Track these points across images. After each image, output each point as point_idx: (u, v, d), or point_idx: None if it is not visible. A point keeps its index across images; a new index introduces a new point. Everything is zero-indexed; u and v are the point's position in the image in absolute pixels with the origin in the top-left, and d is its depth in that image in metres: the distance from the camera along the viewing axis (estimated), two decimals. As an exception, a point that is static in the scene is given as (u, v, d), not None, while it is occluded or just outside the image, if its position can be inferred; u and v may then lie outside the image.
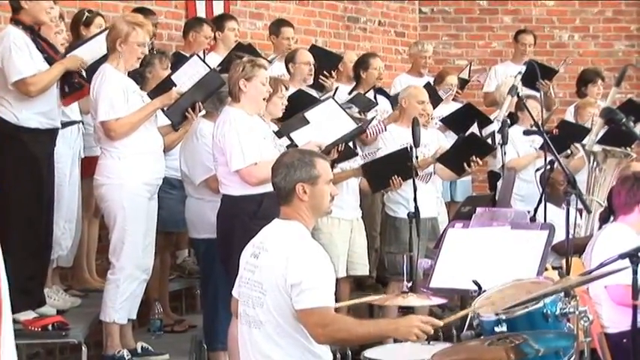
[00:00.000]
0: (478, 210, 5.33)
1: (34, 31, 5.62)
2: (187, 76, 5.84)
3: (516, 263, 4.61)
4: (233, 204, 5.50)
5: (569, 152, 7.80)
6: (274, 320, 3.93)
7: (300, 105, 6.27)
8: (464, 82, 9.33)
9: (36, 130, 5.62)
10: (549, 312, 3.94)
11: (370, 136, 7.36)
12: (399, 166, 6.54)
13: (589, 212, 6.26)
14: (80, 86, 5.78)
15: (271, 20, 8.71)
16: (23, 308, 5.54)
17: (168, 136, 6.05)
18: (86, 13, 6.66)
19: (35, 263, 5.69)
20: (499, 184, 7.05)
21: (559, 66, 9.39)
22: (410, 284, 4.98)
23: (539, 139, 7.31)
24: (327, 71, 7.77)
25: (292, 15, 9.39)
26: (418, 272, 6.18)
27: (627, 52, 11.10)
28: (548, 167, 6.26)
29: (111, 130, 5.55)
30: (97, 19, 6.64)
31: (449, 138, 7.66)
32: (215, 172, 5.69)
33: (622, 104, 7.92)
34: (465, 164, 6.87)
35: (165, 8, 8.31)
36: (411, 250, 6.05)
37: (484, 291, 4.29)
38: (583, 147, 7.36)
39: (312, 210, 4.05)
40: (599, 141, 7.07)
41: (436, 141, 7.27)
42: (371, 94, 7.81)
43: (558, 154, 6.19)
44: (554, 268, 5.21)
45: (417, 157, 6.70)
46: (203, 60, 6.18)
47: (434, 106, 7.45)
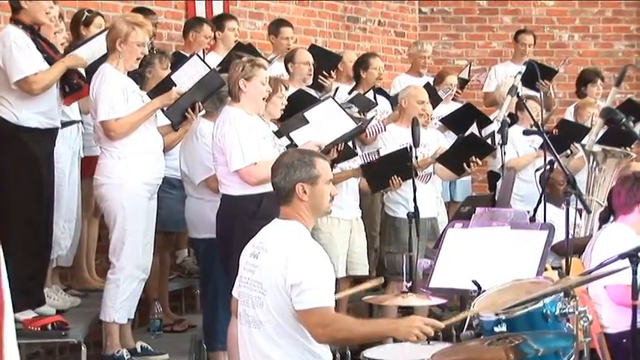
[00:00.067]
0: (478, 210, 5.32)
1: (34, 31, 5.62)
2: (187, 76, 5.84)
3: (516, 263, 4.60)
4: (233, 204, 5.49)
5: (568, 152, 7.79)
6: (274, 320, 3.93)
7: (300, 105, 6.27)
8: (464, 82, 9.32)
9: (36, 130, 5.62)
10: (549, 312, 3.94)
11: (370, 136, 7.36)
12: (399, 166, 6.54)
13: (589, 212, 6.25)
14: (79, 87, 5.78)
15: (271, 20, 8.70)
16: (23, 308, 5.54)
17: (167, 136, 6.05)
18: (86, 13, 6.67)
19: (35, 263, 5.69)
20: (499, 184, 7.05)
21: (559, 66, 9.39)
22: (409, 284, 4.98)
23: (538, 139, 7.31)
24: (327, 71, 7.76)
25: (292, 15, 9.39)
26: (418, 272, 6.18)
27: (627, 52, 11.10)
28: (547, 167, 6.26)
29: (111, 130, 5.55)
30: (97, 19, 6.65)
31: (448, 138, 7.65)
32: (215, 172, 5.69)
33: (621, 104, 7.91)
34: (465, 164, 6.87)
35: (165, 8, 8.31)
36: (411, 250, 6.06)
37: (484, 291, 4.29)
38: (583, 147, 7.35)
39: (311, 210, 4.05)
40: (598, 141, 7.06)
41: (436, 141, 7.27)
42: (371, 95, 7.80)
43: (558, 154, 6.19)
44: (553, 268, 5.22)
45: (417, 157, 6.70)
46: (203, 60, 6.18)
47: (433, 107, 7.45)
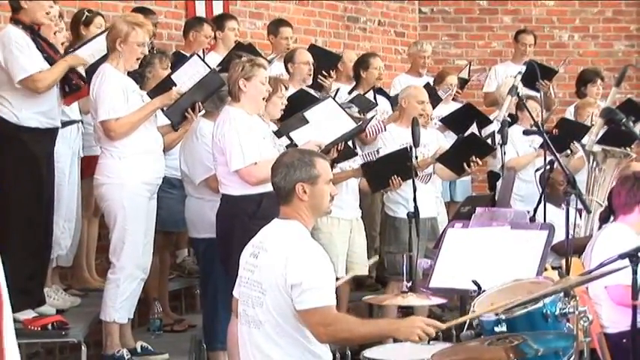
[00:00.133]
0: (478, 210, 5.32)
1: (34, 31, 5.62)
2: (187, 76, 5.83)
3: (516, 263, 4.60)
4: (232, 204, 5.49)
5: (568, 152, 7.79)
6: (274, 320, 3.93)
7: (301, 105, 6.26)
8: (463, 82, 9.32)
9: (36, 130, 5.62)
10: (549, 312, 3.93)
11: (370, 136, 7.35)
12: (399, 166, 6.54)
13: (589, 212, 6.25)
14: (78, 87, 5.78)
15: (271, 20, 8.70)
16: (23, 308, 5.54)
17: (167, 136, 6.05)
18: (86, 13, 6.67)
19: (35, 263, 5.69)
20: (499, 184, 7.04)
21: (559, 66, 9.39)
22: (409, 284, 4.97)
23: (538, 139, 7.31)
24: (326, 71, 7.75)
25: (292, 15, 9.39)
26: (418, 272, 6.18)
27: (627, 52, 11.09)
28: (547, 167, 6.25)
29: (111, 130, 5.55)
30: (97, 19, 6.65)
31: (448, 138, 7.65)
32: (215, 172, 5.68)
33: (621, 104, 7.91)
34: (465, 164, 6.86)
35: (165, 8, 8.31)
36: (411, 250, 6.05)
37: (484, 291, 4.29)
38: (583, 147, 7.35)
39: (311, 210, 4.05)
40: (598, 141, 7.06)
41: (436, 141, 7.27)
42: (371, 95, 7.80)
43: (558, 154, 6.19)
44: (553, 268, 5.22)
45: (417, 157, 6.70)
46: (203, 60, 6.18)
47: (433, 107, 7.45)
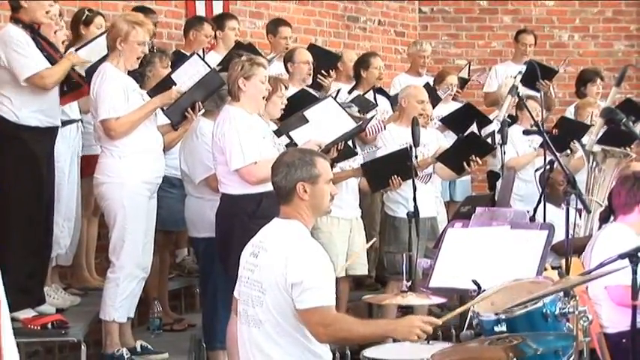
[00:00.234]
0: (478, 210, 5.32)
1: (34, 30, 5.62)
2: (187, 76, 5.83)
3: (516, 263, 4.60)
4: (232, 203, 5.49)
5: (568, 152, 7.78)
6: (274, 319, 3.93)
7: (302, 105, 6.25)
8: (463, 82, 9.32)
9: (36, 129, 5.62)
10: (549, 312, 3.94)
11: (370, 135, 7.35)
12: (399, 166, 6.53)
13: (589, 212, 6.25)
14: (79, 85, 5.78)
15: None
16: (23, 307, 5.54)
17: (167, 135, 6.04)
18: (86, 12, 6.66)
19: (35, 262, 5.69)
20: (498, 184, 7.04)
21: (559, 66, 9.38)
22: (409, 283, 4.97)
23: (538, 139, 7.31)
24: (326, 70, 7.75)
25: (292, 14, 9.39)
26: (417, 272, 6.18)
27: (627, 52, 11.09)
28: (547, 167, 6.25)
29: (111, 129, 5.55)
30: (97, 19, 6.64)
31: (448, 138, 7.64)
32: (215, 171, 5.68)
33: (620, 104, 7.90)
34: (465, 163, 6.86)
35: (165, 7, 8.31)
36: (411, 250, 6.05)
37: (484, 290, 4.29)
38: (582, 147, 7.35)
39: (312, 209, 4.05)
40: (598, 141, 7.06)
41: (435, 141, 7.26)
42: (370, 94, 7.79)
43: (558, 154, 6.19)
44: (553, 268, 5.22)
45: (417, 157, 6.70)
46: (203, 59, 6.17)
47: (432, 106, 7.44)
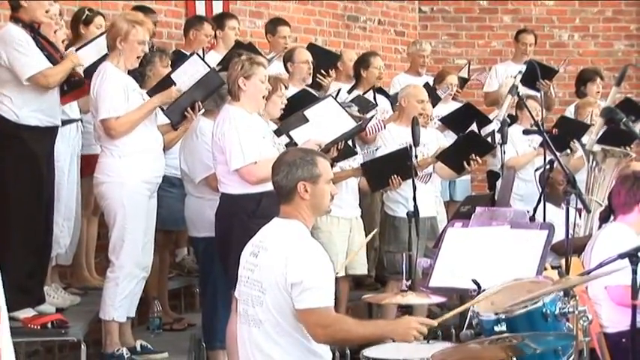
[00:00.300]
0: (477, 209, 5.32)
1: (34, 29, 5.61)
2: (187, 75, 5.82)
3: (516, 262, 4.60)
4: (232, 203, 5.49)
5: (568, 151, 7.78)
6: (274, 319, 3.93)
7: (303, 105, 6.23)
8: (463, 81, 9.32)
9: (36, 128, 5.61)
10: (549, 311, 3.93)
11: (369, 134, 7.35)
12: (399, 166, 6.53)
13: (588, 212, 6.24)
14: (80, 84, 5.78)
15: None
16: (23, 306, 5.54)
17: (167, 135, 6.04)
18: (86, 12, 6.65)
19: (35, 261, 5.69)
20: (498, 184, 7.04)
21: (559, 66, 9.38)
22: (409, 283, 4.97)
23: (538, 139, 7.31)
24: (325, 70, 7.74)
25: (292, 14, 9.39)
26: (417, 271, 6.18)
27: (627, 52, 11.09)
28: (547, 167, 6.25)
29: (111, 129, 5.54)
30: (97, 19, 6.64)
31: (448, 137, 7.64)
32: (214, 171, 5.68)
33: (619, 103, 7.89)
34: (465, 162, 6.86)
35: (165, 7, 8.31)
36: (410, 249, 6.05)
37: (483, 290, 4.29)
38: (582, 146, 7.34)
39: (312, 209, 4.04)
40: (598, 140, 7.06)
41: (435, 140, 7.26)
42: (370, 94, 7.79)
43: (558, 154, 6.18)
44: (553, 268, 5.22)
45: (417, 157, 6.70)
46: (202, 59, 6.17)
47: (432, 106, 7.44)
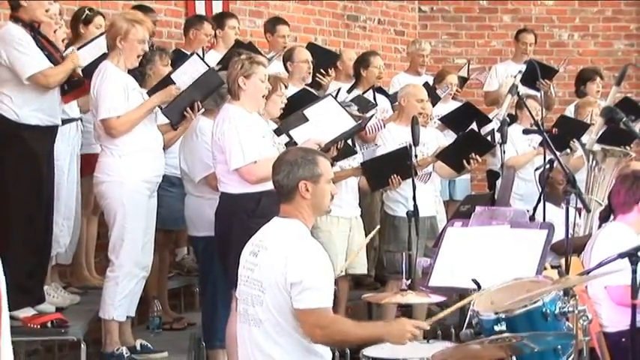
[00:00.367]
0: (477, 209, 5.31)
1: (34, 29, 5.61)
2: (187, 75, 5.81)
3: (515, 262, 4.60)
4: (231, 202, 5.49)
5: (568, 151, 7.78)
6: (274, 319, 3.92)
7: (303, 105, 6.23)
8: (463, 81, 9.32)
9: (36, 128, 5.61)
10: (548, 311, 3.93)
11: (369, 134, 7.35)
12: (398, 165, 6.53)
13: (588, 211, 6.24)
14: (80, 84, 5.78)
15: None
16: (23, 305, 5.54)
17: (166, 134, 6.02)
18: (86, 12, 6.65)
19: (35, 260, 5.69)
20: (498, 183, 7.04)
21: (559, 66, 9.38)
22: (409, 282, 4.97)
23: (537, 138, 7.31)
24: (324, 69, 7.74)
25: (291, 13, 9.39)
26: (417, 271, 6.18)
27: (627, 52, 11.09)
28: (547, 166, 6.25)
29: (112, 128, 5.54)
30: (97, 19, 6.63)
31: (447, 137, 7.64)
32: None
33: (618, 102, 7.89)
34: (465, 161, 6.86)
35: (164, 6, 8.31)
36: (410, 249, 6.05)
37: (483, 290, 4.29)
38: (582, 146, 7.34)
39: (312, 208, 4.04)
40: (598, 140, 7.06)
41: (435, 140, 7.26)
42: (370, 93, 7.79)
43: (558, 153, 6.18)
44: (552, 267, 5.22)
45: (416, 156, 6.69)
46: (202, 59, 6.17)
47: (432, 105, 7.44)
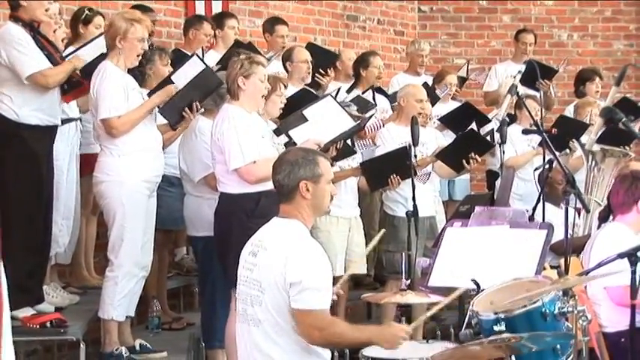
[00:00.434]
0: (477, 209, 5.32)
1: (34, 28, 5.61)
2: (187, 77, 5.82)
3: (515, 262, 4.61)
4: (231, 202, 5.49)
5: (567, 151, 7.78)
6: (273, 319, 3.92)
7: (303, 105, 6.23)
8: (462, 81, 9.32)
9: (36, 127, 5.61)
10: (548, 311, 3.94)
11: (368, 134, 7.35)
12: (398, 165, 6.53)
13: (587, 212, 6.25)
14: (79, 84, 5.78)
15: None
16: (22, 305, 5.53)
17: (164, 134, 6.03)
18: (86, 12, 6.64)
19: (34, 260, 5.69)
20: (497, 183, 7.04)
21: (559, 66, 9.38)
22: (408, 282, 4.98)
23: (537, 138, 7.31)
24: (324, 69, 7.74)
25: (291, 13, 9.39)
26: (416, 271, 6.18)
27: (626, 52, 11.10)
28: (546, 166, 6.25)
29: (113, 128, 5.54)
30: (97, 19, 6.62)
31: (447, 137, 7.64)
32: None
33: (616, 102, 7.89)
34: (464, 161, 6.86)
35: (164, 6, 8.31)
36: (410, 249, 6.05)
37: (482, 290, 4.30)
38: (582, 146, 7.35)
39: (312, 209, 4.04)
40: (597, 140, 7.06)
41: (434, 140, 7.26)
42: (369, 93, 7.79)
43: (557, 153, 6.19)
44: (552, 268, 5.22)
45: (416, 156, 6.69)
46: (202, 60, 6.16)
47: (431, 105, 7.44)
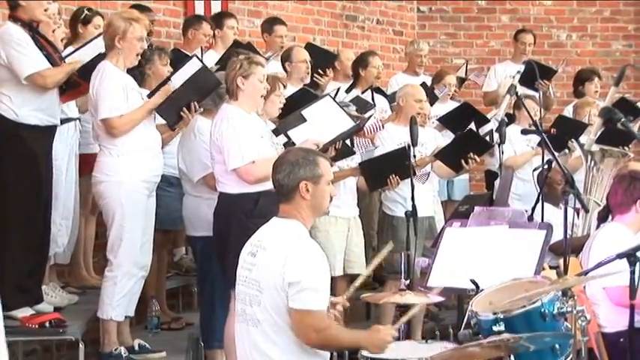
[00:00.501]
0: (476, 209, 5.33)
1: (33, 28, 5.61)
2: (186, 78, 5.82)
3: (514, 262, 4.61)
4: (230, 202, 5.49)
5: (566, 151, 7.79)
6: (271, 319, 3.92)
7: (303, 104, 6.23)
8: (461, 81, 9.33)
9: (35, 127, 5.61)
10: (547, 311, 3.94)
11: (368, 134, 7.35)
12: (397, 165, 6.53)
13: (586, 212, 6.25)
14: (77, 84, 5.78)
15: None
16: (21, 305, 5.53)
17: (163, 134, 6.03)
18: (85, 12, 6.64)
19: (34, 260, 5.69)
20: (496, 183, 7.05)
21: (558, 66, 9.39)
22: (407, 282, 4.98)
23: (536, 139, 7.31)
24: (322, 69, 7.74)
25: (290, 13, 9.39)
26: (415, 271, 6.18)
27: (625, 52, 11.11)
28: (545, 167, 6.25)
29: (113, 128, 5.54)
30: (96, 19, 6.62)
31: (446, 137, 7.64)
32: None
33: (616, 102, 7.89)
34: (463, 161, 6.85)
35: (163, 6, 8.31)
36: (409, 249, 6.05)
37: (482, 290, 4.30)
38: (581, 146, 7.35)
39: (312, 209, 4.04)
40: (596, 140, 7.06)
41: (433, 140, 7.26)
42: (368, 94, 7.80)
43: (556, 153, 6.19)
44: (551, 268, 5.22)
45: (415, 156, 6.70)
46: (201, 61, 6.16)
47: (430, 105, 7.44)
